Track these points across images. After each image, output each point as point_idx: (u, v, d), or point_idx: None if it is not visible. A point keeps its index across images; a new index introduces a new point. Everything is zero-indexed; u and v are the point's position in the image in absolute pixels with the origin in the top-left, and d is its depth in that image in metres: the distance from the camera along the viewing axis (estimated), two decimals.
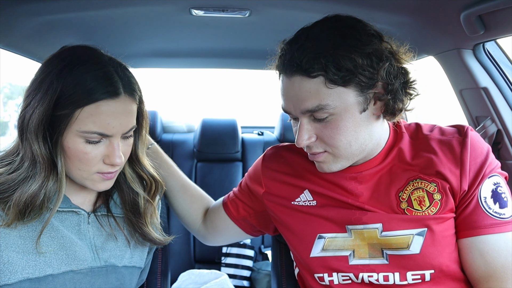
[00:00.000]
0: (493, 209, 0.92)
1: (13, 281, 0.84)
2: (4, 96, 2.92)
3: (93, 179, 0.90)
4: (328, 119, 0.88)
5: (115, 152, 0.87)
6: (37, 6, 1.22)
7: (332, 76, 0.84)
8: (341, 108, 0.87)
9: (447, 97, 1.61)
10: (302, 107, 0.88)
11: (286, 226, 1.05)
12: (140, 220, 1.01)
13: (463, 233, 0.94)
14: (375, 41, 0.87)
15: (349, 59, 0.83)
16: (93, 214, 0.98)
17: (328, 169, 0.95)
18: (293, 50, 0.87)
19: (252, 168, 1.18)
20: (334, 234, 0.98)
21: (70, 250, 0.91)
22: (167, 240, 1.08)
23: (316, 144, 0.92)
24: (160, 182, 1.06)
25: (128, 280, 1.00)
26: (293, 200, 1.04)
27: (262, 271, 2.24)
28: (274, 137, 2.73)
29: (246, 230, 1.20)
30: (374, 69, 0.85)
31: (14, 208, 0.84)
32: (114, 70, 0.87)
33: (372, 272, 0.95)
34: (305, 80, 0.86)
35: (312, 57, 0.84)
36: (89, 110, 0.83)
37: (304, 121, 0.90)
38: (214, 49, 1.95)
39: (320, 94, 0.85)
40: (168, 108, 2.97)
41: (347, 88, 0.86)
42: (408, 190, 0.95)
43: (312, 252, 1.00)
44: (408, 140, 0.99)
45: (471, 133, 0.96)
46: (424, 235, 0.92)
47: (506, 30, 1.11)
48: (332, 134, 0.89)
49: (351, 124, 0.88)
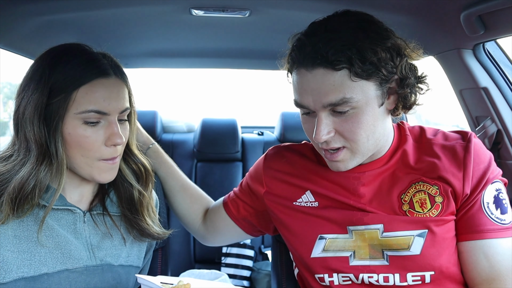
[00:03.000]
0: (495, 215, 0.93)
1: (8, 280, 0.84)
2: (4, 96, 2.92)
3: (99, 167, 0.91)
4: (349, 113, 0.87)
5: (114, 131, 0.90)
6: (37, 6, 1.22)
7: (357, 69, 0.82)
8: (363, 101, 0.86)
9: (447, 97, 1.61)
10: (324, 100, 0.85)
11: (287, 227, 1.05)
12: (137, 216, 1.01)
13: (465, 236, 0.94)
14: (392, 35, 0.88)
15: (373, 52, 0.83)
16: (88, 213, 0.98)
17: (344, 167, 0.93)
18: (315, 42, 0.84)
19: (253, 168, 1.17)
20: (335, 235, 0.98)
21: (66, 249, 0.91)
22: (166, 234, 1.08)
23: (334, 139, 0.90)
24: (150, 170, 1.06)
25: (125, 279, 1.00)
26: (295, 200, 1.04)
27: (262, 271, 2.24)
28: (274, 137, 2.73)
29: (246, 230, 1.20)
30: (394, 63, 0.86)
31: (7, 200, 0.84)
32: (102, 56, 0.92)
33: (372, 273, 0.95)
34: (329, 72, 0.84)
35: (338, 49, 0.82)
36: (85, 89, 0.86)
37: (323, 115, 0.88)
38: (214, 49, 1.95)
39: (344, 87, 0.84)
40: (168, 108, 2.97)
41: (368, 82, 0.85)
42: (410, 193, 0.95)
43: (313, 252, 0.99)
44: (412, 143, 1.00)
45: (474, 140, 0.97)
46: (424, 236, 0.92)
47: (506, 30, 1.11)
48: (353, 128, 0.88)
49: (371, 118, 0.88)
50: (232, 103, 3.87)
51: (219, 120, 2.63)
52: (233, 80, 3.75)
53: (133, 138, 1.03)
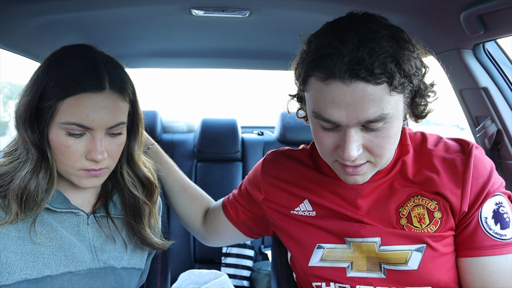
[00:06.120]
0: (494, 230, 0.89)
1: (11, 282, 0.84)
2: (4, 96, 2.92)
3: (78, 175, 0.90)
4: (380, 128, 0.80)
5: (96, 147, 0.86)
6: (37, 6, 1.22)
7: (396, 83, 0.76)
8: (394, 116, 0.80)
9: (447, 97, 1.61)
10: (362, 117, 0.77)
11: (286, 233, 1.04)
12: (139, 224, 1.01)
13: (462, 252, 0.92)
14: (415, 43, 0.82)
15: (410, 64, 0.77)
16: (92, 215, 0.98)
17: (363, 180, 0.88)
18: (353, 51, 0.74)
19: (251, 173, 1.16)
20: (333, 245, 0.97)
21: (69, 251, 0.91)
22: (166, 245, 1.07)
23: (361, 155, 0.82)
24: (155, 184, 1.05)
25: (127, 282, 1.00)
26: (293, 209, 1.03)
27: (262, 271, 2.24)
28: (274, 137, 2.73)
29: (245, 233, 1.20)
30: (421, 74, 0.82)
31: (13, 198, 0.85)
32: (104, 65, 0.87)
33: (369, 285, 0.94)
34: (369, 87, 0.75)
35: (382, 62, 0.74)
36: (70, 101, 0.83)
37: (354, 131, 0.80)
38: (214, 49, 1.95)
39: (383, 102, 0.77)
40: (168, 108, 2.97)
41: (401, 95, 0.80)
42: (409, 206, 0.93)
43: (311, 261, 0.99)
44: (412, 154, 0.96)
45: (475, 152, 0.92)
46: (423, 251, 0.90)
47: (506, 30, 1.11)
48: (383, 143, 0.81)
49: (398, 131, 0.83)
50: (232, 103, 3.87)
51: (219, 120, 2.63)
52: (233, 80, 3.76)
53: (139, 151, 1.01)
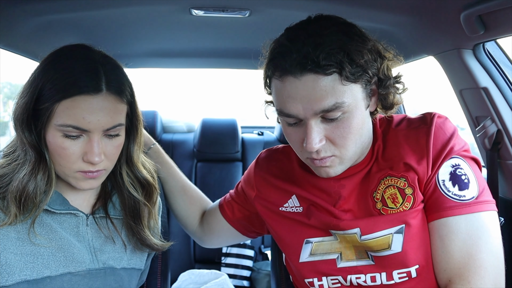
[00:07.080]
0: (453, 192, 0.90)
1: (10, 282, 0.84)
2: (4, 96, 2.92)
3: (75, 177, 0.90)
4: (340, 118, 0.84)
5: (93, 149, 0.86)
6: (37, 6, 1.22)
7: (347, 73, 0.81)
8: (353, 105, 0.84)
9: (447, 97, 1.61)
10: (316, 107, 0.82)
11: (275, 232, 1.06)
12: (139, 226, 1.01)
13: (428, 218, 0.93)
14: (369, 37, 0.87)
15: (360, 55, 0.82)
16: (91, 216, 0.98)
17: (334, 172, 0.91)
18: (301, 47, 0.81)
19: (247, 171, 1.19)
20: (320, 238, 0.98)
21: (68, 252, 0.91)
22: (165, 247, 1.07)
23: (324, 147, 0.87)
24: (154, 186, 1.05)
25: (127, 282, 1.00)
26: (281, 206, 1.04)
27: (262, 271, 2.24)
28: (274, 137, 2.73)
29: (241, 232, 1.20)
30: (377, 65, 0.86)
31: (12, 199, 0.84)
32: (101, 66, 0.87)
33: (360, 273, 0.95)
34: (320, 78, 0.81)
35: (328, 53, 0.79)
36: (66, 104, 0.83)
37: (314, 123, 0.84)
38: (214, 49, 1.95)
39: (335, 92, 0.81)
40: (168, 108, 2.97)
41: (356, 84, 0.84)
42: (381, 189, 0.94)
43: (301, 257, 1.00)
44: (381, 138, 0.99)
45: (436, 120, 0.94)
46: (403, 232, 0.91)
47: (506, 30, 1.11)
48: (344, 133, 0.86)
49: (360, 121, 0.87)
50: (232, 103, 3.87)
51: (219, 120, 2.63)
52: (233, 80, 3.75)
53: (138, 152, 1.01)
